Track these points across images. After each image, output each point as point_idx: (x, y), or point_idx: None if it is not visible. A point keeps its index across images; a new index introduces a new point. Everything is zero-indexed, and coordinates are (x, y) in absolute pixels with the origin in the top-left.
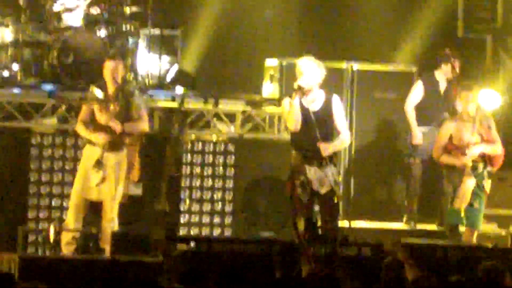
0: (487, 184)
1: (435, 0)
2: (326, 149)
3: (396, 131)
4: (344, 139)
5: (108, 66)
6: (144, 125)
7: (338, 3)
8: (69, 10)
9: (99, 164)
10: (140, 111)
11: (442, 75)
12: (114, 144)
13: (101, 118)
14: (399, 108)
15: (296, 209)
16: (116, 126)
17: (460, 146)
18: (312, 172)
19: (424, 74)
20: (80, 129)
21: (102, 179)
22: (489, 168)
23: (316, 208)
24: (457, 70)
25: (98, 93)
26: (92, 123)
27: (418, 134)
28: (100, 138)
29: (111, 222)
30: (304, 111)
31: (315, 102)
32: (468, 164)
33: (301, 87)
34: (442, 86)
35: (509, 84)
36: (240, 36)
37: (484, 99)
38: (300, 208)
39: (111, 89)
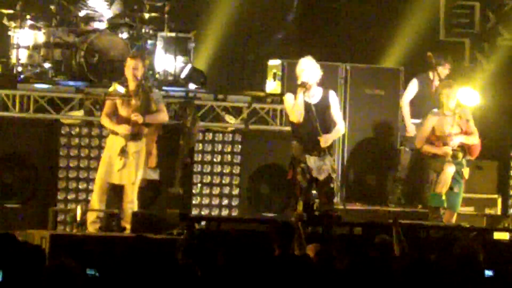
0: (466, 171)
1: (419, 8)
2: (326, 141)
3: (384, 123)
4: (339, 129)
5: (129, 65)
6: (163, 117)
7: (334, 11)
8: (95, 15)
9: (123, 152)
10: (158, 105)
11: (435, 76)
12: (135, 135)
13: (123, 111)
14: (387, 103)
15: (296, 193)
16: (138, 119)
17: (442, 137)
18: (311, 160)
19: (420, 73)
20: (105, 121)
21: (123, 165)
22: (467, 157)
23: (314, 192)
24: (447, 71)
25: (120, 89)
26: (115, 116)
27: (410, 126)
28: (124, 129)
29: (131, 203)
30: (306, 105)
31: (314, 96)
32: (449, 153)
33: (305, 83)
34: (434, 85)
35: (485, 82)
36: (246, 39)
37: (463, 95)
38: (300, 193)
39: (132, 85)
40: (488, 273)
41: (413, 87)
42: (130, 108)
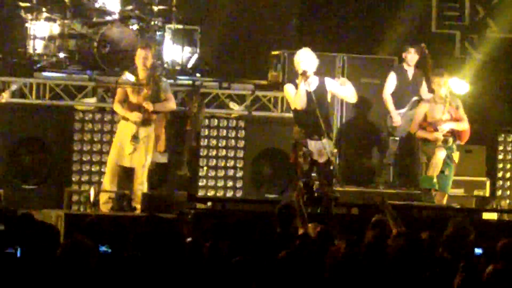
0: (456, 155)
1: (412, 2)
2: (330, 83)
3: (379, 111)
4: (349, 95)
5: (140, 55)
6: (171, 105)
7: (331, 5)
8: (107, 7)
9: (134, 138)
10: (166, 94)
11: (408, 65)
12: (145, 121)
13: (134, 98)
14: (381, 92)
15: (298, 175)
16: (149, 107)
17: (433, 123)
18: (312, 144)
19: (395, 66)
20: (117, 108)
21: (134, 149)
22: (457, 142)
23: (314, 175)
24: (416, 56)
25: (130, 77)
26: (126, 103)
27: (396, 116)
28: (136, 116)
29: (141, 185)
30: (307, 93)
31: (312, 84)
32: (440, 138)
33: (306, 72)
34: (410, 74)
35: (474, 72)
36: (249, 31)
37: (454, 84)
38: (301, 175)
39: (142, 74)
40: (478, 251)
41: (392, 80)
42: (140, 96)
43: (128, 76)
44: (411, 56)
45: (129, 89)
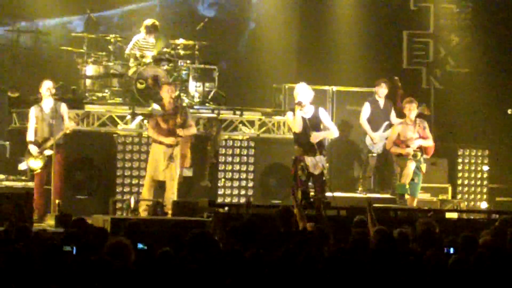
0: (423, 166)
1: (387, 43)
2: (316, 137)
3: (359, 132)
4: (332, 132)
5: (166, 89)
6: (193, 131)
7: (322, 45)
8: (143, 52)
9: (171, 158)
10: (189, 121)
11: (380, 96)
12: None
13: (164, 125)
14: None
15: (297, 185)
16: (181, 133)
17: (405, 141)
18: (309, 160)
19: (369, 97)
20: (152, 133)
21: (167, 166)
22: (424, 156)
23: (310, 184)
24: (386, 90)
25: (157, 108)
26: (157, 129)
27: (374, 137)
28: (171, 140)
29: (172, 194)
30: (302, 119)
31: (308, 113)
32: (411, 153)
33: (301, 102)
34: (381, 103)
35: (437, 99)
36: (256, 69)
37: (421, 109)
38: (300, 184)
39: (167, 105)
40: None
41: (367, 108)
42: (169, 123)
43: (155, 107)
44: (382, 90)
45: (159, 118)
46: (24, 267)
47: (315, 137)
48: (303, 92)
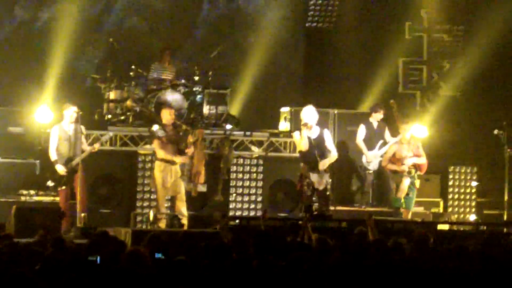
0: (417, 182)
1: (384, 69)
2: (323, 164)
3: (359, 152)
4: (333, 155)
5: (165, 112)
6: (192, 149)
7: (325, 71)
8: (161, 78)
9: (182, 176)
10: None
11: (374, 119)
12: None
13: (169, 145)
14: None
15: (303, 199)
16: (190, 152)
17: (400, 159)
18: (314, 176)
19: (364, 120)
20: (163, 154)
21: (173, 182)
22: (418, 173)
23: (314, 199)
24: (382, 116)
25: (157, 128)
26: (163, 149)
27: (369, 156)
28: (183, 159)
29: (184, 206)
30: (308, 139)
31: (313, 133)
32: (405, 170)
33: (307, 124)
34: (375, 125)
35: (430, 121)
36: (265, 93)
37: (416, 130)
38: (305, 199)
39: (167, 127)
40: None
41: (362, 130)
42: (172, 143)
43: (155, 128)
44: (378, 115)
45: (164, 139)
46: (56, 275)
47: (322, 165)
48: (310, 114)
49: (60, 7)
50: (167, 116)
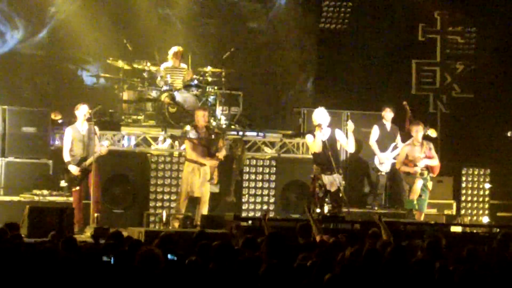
0: (430, 184)
1: (397, 71)
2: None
3: (372, 153)
4: (348, 146)
5: (199, 114)
6: (225, 152)
7: (338, 73)
8: (174, 79)
9: (211, 179)
10: (222, 143)
11: (386, 120)
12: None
13: (198, 147)
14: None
15: (315, 201)
16: (220, 156)
17: (413, 161)
18: (326, 178)
19: (377, 121)
20: (194, 155)
21: (201, 183)
22: (431, 175)
23: (327, 200)
24: (392, 114)
25: (192, 131)
26: (195, 151)
27: (382, 158)
28: (212, 162)
29: (204, 208)
30: (322, 140)
31: (325, 134)
32: (418, 171)
33: (320, 125)
34: (388, 126)
35: (443, 123)
36: (277, 94)
37: (428, 131)
38: (317, 200)
39: (201, 129)
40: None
41: (375, 131)
42: (203, 145)
43: (188, 129)
44: (388, 114)
45: (195, 141)
46: (67, 275)
47: (338, 133)
48: (322, 116)
49: (73, 7)
50: (200, 117)
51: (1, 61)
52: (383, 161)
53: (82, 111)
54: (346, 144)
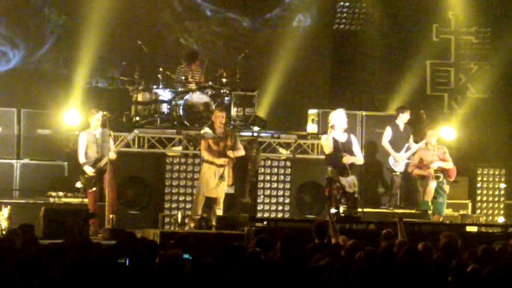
0: (447, 187)
1: (412, 71)
2: (347, 159)
3: (386, 153)
4: (359, 159)
5: (218, 115)
6: (242, 152)
7: (353, 74)
8: (189, 80)
9: (222, 177)
10: (239, 144)
11: (400, 121)
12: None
13: (215, 147)
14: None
15: (330, 202)
16: (231, 154)
17: (427, 163)
18: (343, 180)
19: (390, 122)
20: (206, 155)
21: (217, 184)
22: (448, 179)
23: (343, 200)
24: (408, 116)
25: (209, 131)
26: (210, 151)
27: (396, 157)
28: (223, 161)
29: (220, 209)
30: (338, 143)
31: (342, 137)
32: (432, 173)
33: (333, 126)
34: (402, 127)
35: (458, 123)
36: (292, 95)
37: (443, 132)
38: (334, 202)
39: (218, 129)
40: None
41: (388, 132)
42: (219, 145)
43: (207, 130)
44: (405, 116)
45: (210, 140)
46: (81, 277)
47: (347, 159)
48: (338, 117)
49: (86, 11)
50: (218, 118)
51: (11, 73)
52: (398, 160)
53: (94, 118)
54: (357, 154)
